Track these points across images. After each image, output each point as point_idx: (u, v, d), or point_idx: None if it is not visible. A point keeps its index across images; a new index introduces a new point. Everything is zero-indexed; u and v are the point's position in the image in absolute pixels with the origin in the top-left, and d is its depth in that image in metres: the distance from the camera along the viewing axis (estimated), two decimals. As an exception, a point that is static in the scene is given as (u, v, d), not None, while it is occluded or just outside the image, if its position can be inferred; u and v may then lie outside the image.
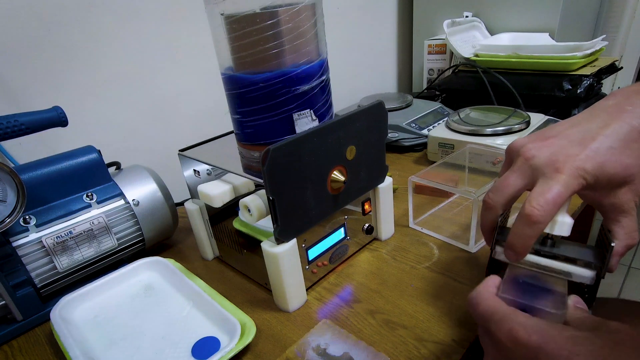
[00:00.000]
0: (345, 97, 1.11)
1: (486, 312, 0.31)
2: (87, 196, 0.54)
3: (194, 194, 0.56)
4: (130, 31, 0.71)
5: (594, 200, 0.36)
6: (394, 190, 0.59)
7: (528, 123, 0.73)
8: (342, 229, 0.53)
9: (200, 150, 0.54)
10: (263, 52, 0.42)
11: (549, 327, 0.28)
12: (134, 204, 0.57)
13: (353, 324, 0.45)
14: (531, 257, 0.38)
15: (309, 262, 0.49)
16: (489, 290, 0.33)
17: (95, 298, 0.53)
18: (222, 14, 0.42)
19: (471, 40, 1.04)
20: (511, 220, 0.38)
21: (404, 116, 0.91)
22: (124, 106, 0.73)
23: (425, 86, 1.16)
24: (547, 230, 0.35)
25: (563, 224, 0.35)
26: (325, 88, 0.47)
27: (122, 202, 0.56)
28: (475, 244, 0.54)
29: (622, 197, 0.34)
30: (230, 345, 0.41)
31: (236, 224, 0.53)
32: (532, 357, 0.27)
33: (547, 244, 0.38)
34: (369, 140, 0.50)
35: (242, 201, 0.46)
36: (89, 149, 0.56)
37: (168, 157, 0.73)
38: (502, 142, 0.69)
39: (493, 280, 0.35)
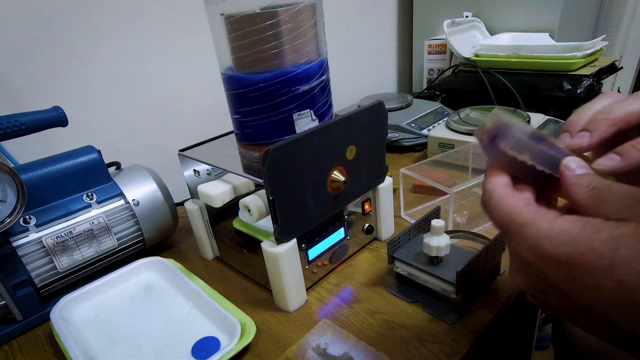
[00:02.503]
0: (345, 97, 1.11)
1: (503, 221, 0.26)
2: (87, 196, 0.54)
3: (194, 194, 0.56)
4: (130, 31, 0.71)
5: None
6: (394, 190, 0.59)
7: (528, 123, 0.73)
8: (342, 229, 0.53)
9: (200, 150, 0.54)
10: (263, 52, 0.42)
11: (580, 230, 0.22)
12: (134, 204, 0.57)
13: (353, 324, 0.45)
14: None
15: (309, 262, 0.49)
16: (502, 190, 0.27)
17: (95, 298, 0.53)
18: (222, 14, 0.42)
19: (471, 40, 1.04)
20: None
21: (404, 116, 0.91)
22: (124, 106, 0.73)
23: (425, 86, 1.16)
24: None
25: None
26: (325, 88, 0.47)
27: (122, 202, 0.56)
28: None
29: None
30: (230, 345, 0.41)
31: (236, 224, 0.53)
32: (566, 274, 0.22)
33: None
34: (369, 140, 0.50)
35: (242, 201, 0.46)
36: (89, 149, 0.56)
37: (168, 157, 0.73)
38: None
39: (495, 172, 0.28)
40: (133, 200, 0.57)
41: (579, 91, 0.81)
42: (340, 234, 0.53)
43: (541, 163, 0.27)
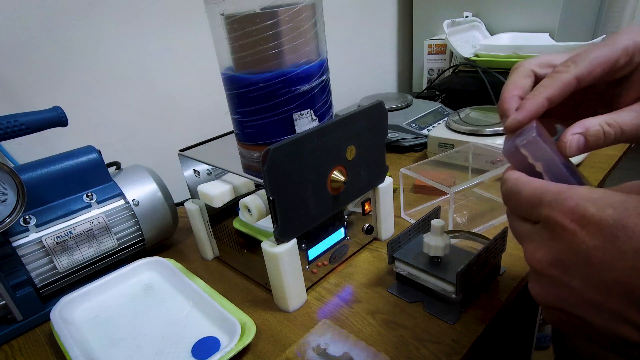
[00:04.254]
0: (345, 97, 1.11)
1: (534, 195, 0.25)
2: (87, 196, 0.54)
3: (194, 194, 0.56)
4: (130, 31, 0.71)
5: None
6: (394, 190, 0.59)
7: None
8: (342, 229, 0.53)
9: (200, 150, 0.54)
10: (263, 52, 0.42)
11: (623, 196, 0.22)
12: (134, 204, 0.57)
13: (353, 324, 0.45)
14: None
15: (309, 262, 0.49)
16: (526, 176, 0.27)
17: (95, 298, 0.53)
18: (222, 14, 0.42)
19: (471, 40, 1.04)
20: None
21: (404, 116, 0.91)
22: (124, 106, 0.73)
23: (425, 86, 1.16)
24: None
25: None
26: (325, 88, 0.47)
27: (122, 202, 0.56)
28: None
29: None
30: (230, 345, 0.41)
31: (236, 224, 0.53)
32: (608, 238, 0.21)
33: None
34: (369, 140, 0.50)
35: (242, 201, 0.46)
36: (89, 149, 0.56)
37: (168, 157, 0.73)
38: (502, 142, 0.69)
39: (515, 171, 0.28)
40: (133, 200, 0.57)
41: (579, 91, 0.81)
42: (340, 234, 0.53)
43: (550, 176, 0.27)
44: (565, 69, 0.29)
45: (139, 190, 0.58)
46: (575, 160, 0.67)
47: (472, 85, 0.95)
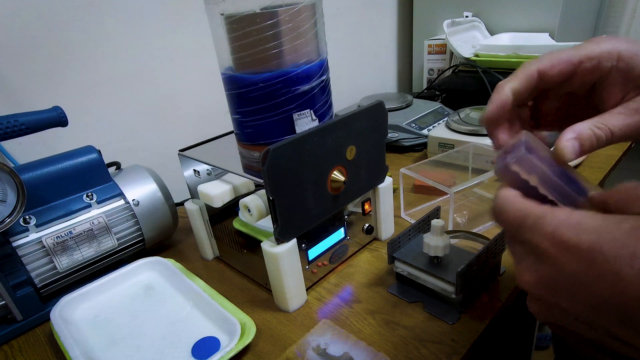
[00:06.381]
0: (345, 97, 1.11)
1: (516, 217, 0.26)
2: (87, 196, 0.54)
3: (194, 194, 0.56)
4: (130, 31, 0.71)
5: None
6: (394, 190, 0.59)
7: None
8: (342, 229, 0.53)
9: (200, 150, 0.54)
10: (263, 52, 0.42)
11: (601, 220, 0.22)
12: (134, 204, 0.57)
13: (353, 324, 0.45)
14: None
15: (309, 262, 0.49)
16: (514, 193, 0.27)
17: (95, 298, 0.53)
18: (222, 14, 0.42)
19: (471, 40, 1.04)
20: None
21: (404, 116, 0.91)
22: (124, 106, 0.73)
23: (425, 86, 1.16)
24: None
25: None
26: (325, 88, 0.47)
27: (122, 202, 0.56)
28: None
29: None
30: (230, 345, 0.41)
31: (236, 224, 0.53)
32: (586, 262, 0.22)
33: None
34: (369, 140, 0.50)
35: (242, 201, 0.46)
36: (89, 149, 0.56)
37: (168, 157, 0.73)
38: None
39: (512, 190, 0.28)
40: (133, 200, 0.57)
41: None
42: (340, 234, 0.53)
43: (546, 187, 0.27)
44: (529, 64, 0.33)
45: (139, 190, 0.58)
46: (574, 162, 0.67)
47: (472, 85, 0.96)
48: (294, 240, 0.45)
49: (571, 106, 0.36)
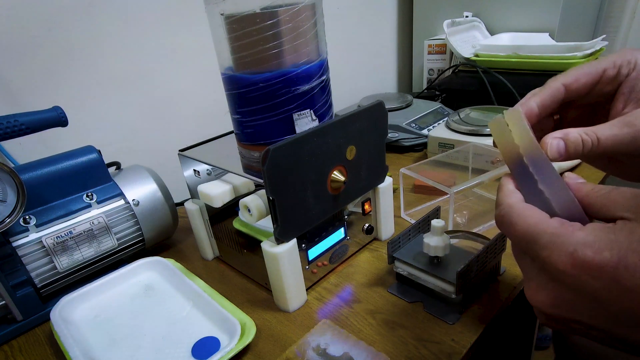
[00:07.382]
0: (345, 97, 1.11)
1: (528, 232, 0.25)
2: (87, 196, 0.54)
3: (194, 194, 0.56)
4: (130, 31, 0.71)
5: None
6: (394, 190, 0.59)
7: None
8: (342, 229, 0.53)
9: (200, 150, 0.54)
10: (263, 52, 0.42)
11: (617, 234, 0.22)
12: (134, 204, 0.57)
13: (353, 324, 0.45)
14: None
15: (309, 262, 0.49)
16: (517, 200, 0.27)
17: (95, 298, 0.53)
18: (222, 14, 0.42)
19: (471, 40, 1.04)
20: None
21: (404, 116, 0.91)
22: (124, 106, 0.73)
23: (425, 86, 1.16)
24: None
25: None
26: (325, 88, 0.47)
27: (122, 202, 0.56)
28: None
29: None
30: (230, 345, 0.41)
31: (236, 224, 0.53)
32: (609, 279, 0.22)
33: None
34: (369, 140, 0.50)
35: (242, 201, 0.46)
36: (89, 149, 0.56)
37: (168, 157, 0.73)
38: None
39: (512, 188, 0.29)
40: (133, 200, 0.57)
41: (579, 91, 0.81)
42: (340, 234, 0.53)
43: (551, 194, 0.28)
44: (554, 79, 0.33)
45: (139, 190, 0.58)
46: (574, 161, 0.67)
47: (472, 85, 0.95)
48: (294, 240, 0.45)
49: (591, 116, 0.36)
